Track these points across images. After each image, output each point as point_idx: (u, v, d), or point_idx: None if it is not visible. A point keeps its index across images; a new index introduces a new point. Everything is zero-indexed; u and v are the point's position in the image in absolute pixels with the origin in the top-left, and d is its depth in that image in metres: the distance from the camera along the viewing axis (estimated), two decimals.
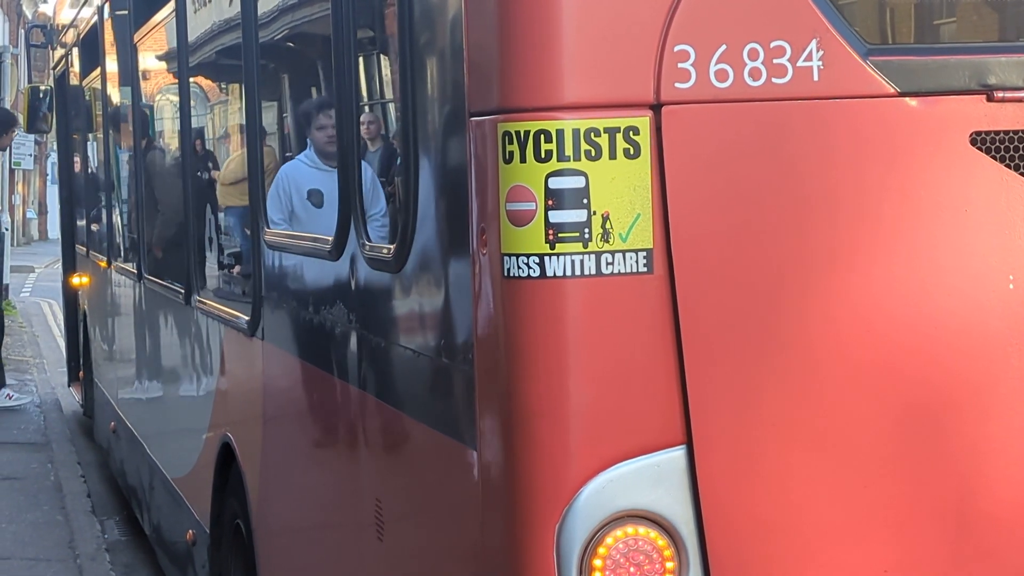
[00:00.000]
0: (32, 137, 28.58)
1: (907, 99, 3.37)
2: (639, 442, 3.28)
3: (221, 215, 6.80)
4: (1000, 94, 3.39)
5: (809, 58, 3.32)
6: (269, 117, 5.72)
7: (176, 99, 7.28)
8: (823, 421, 3.34)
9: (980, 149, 3.39)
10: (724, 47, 3.28)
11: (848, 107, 3.34)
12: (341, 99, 4.43)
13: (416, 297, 3.91)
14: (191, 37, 6.91)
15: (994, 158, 3.40)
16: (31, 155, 34.85)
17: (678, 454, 3.30)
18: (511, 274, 3.26)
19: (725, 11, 3.29)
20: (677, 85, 3.26)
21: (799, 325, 3.33)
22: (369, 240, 4.25)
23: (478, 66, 3.37)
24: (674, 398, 3.29)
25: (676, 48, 3.26)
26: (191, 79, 7.02)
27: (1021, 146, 3.41)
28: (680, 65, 3.26)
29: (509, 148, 3.23)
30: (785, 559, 3.33)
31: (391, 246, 4.01)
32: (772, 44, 3.30)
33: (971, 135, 3.39)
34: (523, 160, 3.22)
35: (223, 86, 6.72)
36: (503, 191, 3.25)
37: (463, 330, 3.51)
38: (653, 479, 3.28)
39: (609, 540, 3.26)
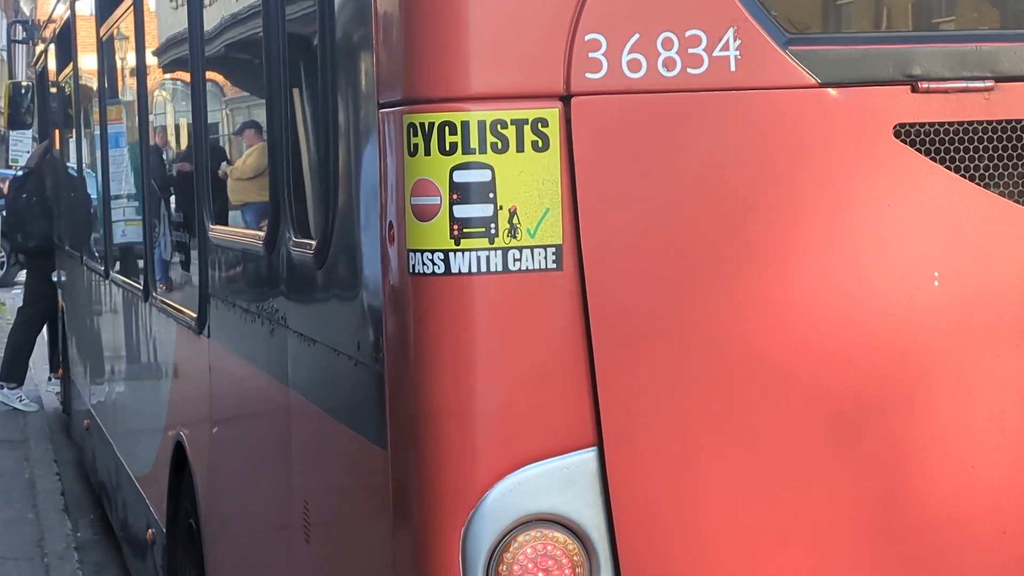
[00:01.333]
0: (30, 134, 28.59)
1: (828, 90, 3.27)
2: (548, 444, 3.18)
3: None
4: (925, 85, 3.29)
5: (726, 47, 3.21)
6: (213, 113, 5.63)
7: (136, 95, 7.20)
8: (740, 423, 3.24)
9: (904, 142, 3.29)
10: (637, 36, 3.18)
11: (767, 98, 3.24)
12: (270, 94, 4.34)
13: (336, 293, 3.82)
14: (147, 31, 6.84)
15: (919, 151, 3.30)
16: (28, 152, 34.81)
17: (589, 456, 3.20)
18: (416, 270, 3.16)
19: None
20: (588, 75, 3.16)
21: (714, 324, 3.23)
22: (295, 235, 4.16)
23: (386, 56, 3.27)
24: (584, 398, 3.19)
25: (587, 37, 3.16)
26: (147, 74, 6.94)
27: (947, 139, 3.31)
28: (591, 55, 3.16)
29: (414, 140, 3.13)
30: (699, 565, 3.23)
31: (314, 242, 3.91)
32: (687, 33, 3.20)
33: (895, 127, 3.29)
34: (427, 153, 3.12)
35: (175, 80, 6.63)
36: (408, 185, 3.15)
37: (376, 328, 3.42)
38: (563, 482, 3.18)
39: (517, 544, 3.16)
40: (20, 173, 14.11)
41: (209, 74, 5.53)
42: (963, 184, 3.31)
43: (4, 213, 14.92)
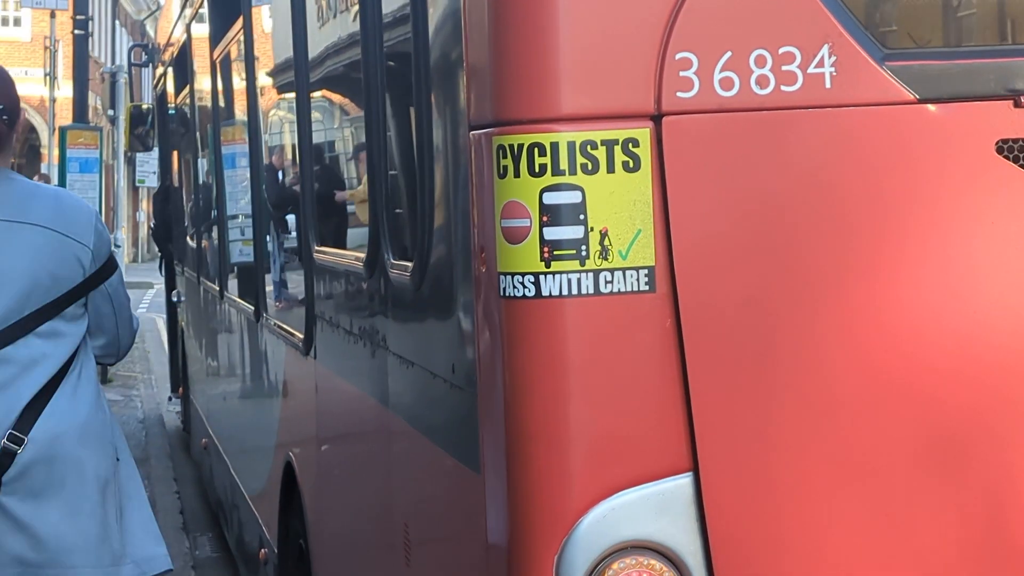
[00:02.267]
0: (156, 155, 29.07)
1: (927, 106, 3.19)
2: (643, 469, 3.13)
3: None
4: None
5: (821, 64, 3.15)
6: (317, 134, 5.66)
7: (247, 116, 7.27)
8: (841, 446, 3.17)
9: (1007, 157, 3.20)
10: (729, 54, 3.12)
11: (863, 115, 3.17)
12: (368, 117, 4.34)
13: (432, 316, 3.80)
14: (256, 55, 6.90)
15: (1022, 167, 3.21)
16: (155, 172, 35.43)
17: (684, 481, 3.14)
18: (507, 293, 3.13)
19: (730, 16, 3.13)
20: (679, 94, 3.11)
21: (813, 344, 3.16)
22: (393, 258, 4.15)
23: (476, 79, 3.25)
24: (679, 423, 3.13)
25: (678, 56, 3.11)
26: (256, 96, 7.01)
27: None
28: (682, 73, 3.11)
29: (503, 162, 3.11)
30: None
31: (410, 264, 3.90)
32: (781, 50, 3.14)
33: (997, 143, 3.20)
34: (517, 175, 3.09)
35: (281, 102, 6.68)
36: (498, 207, 3.13)
37: (469, 351, 3.39)
38: (658, 508, 3.13)
39: (612, 572, 3.11)
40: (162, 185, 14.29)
41: (313, 97, 5.56)
42: None
43: (153, 223, 15.13)
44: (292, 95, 5.78)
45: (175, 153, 12.87)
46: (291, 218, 6.29)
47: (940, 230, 3.20)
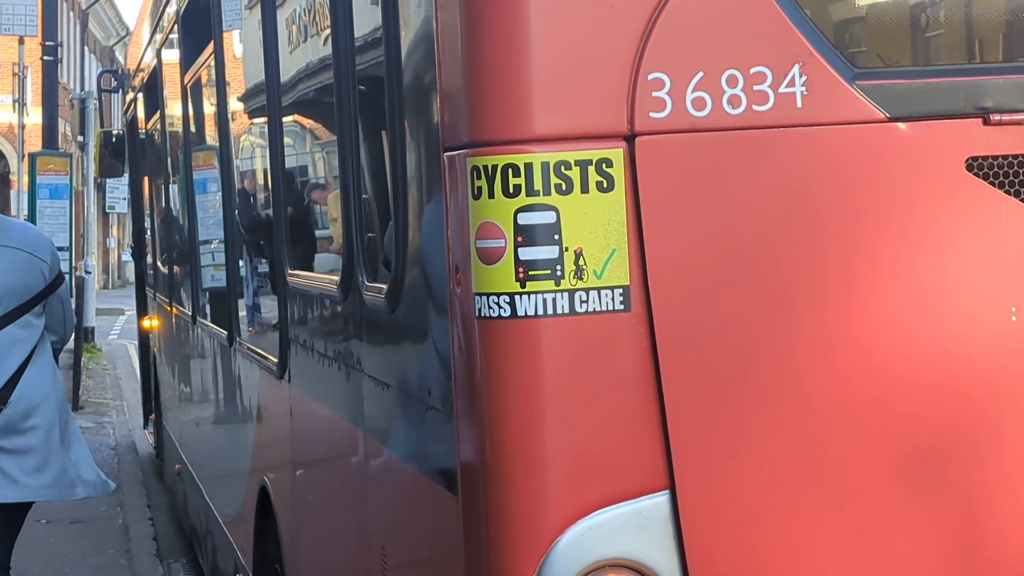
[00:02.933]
0: (125, 181, 28.99)
1: (898, 124, 3.21)
2: (620, 488, 3.14)
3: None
4: (997, 117, 3.23)
5: (792, 84, 3.17)
6: (290, 158, 5.66)
7: (218, 142, 7.27)
8: (816, 464, 3.19)
9: (977, 175, 3.23)
10: (701, 74, 3.15)
11: (835, 134, 3.19)
12: (342, 141, 4.35)
13: (407, 337, 3.80)
14: (227, 80, 6.90)
15: (992, 184, 3.24)
16: (125, 199, 35.36)
17: (661, 500, 3.15)
18: (483, 314, 3.14)
19: (701, 37, 3.16)
20: (652, 115, 3.13)
21: (788, 362, 3.18)
22: (368, 280, 4.16)
23: (450, 100, 3.26)
24: (656, 441, 3.15)
25: (650, 76, 3.13)
26: (228, 121, 7.00)
27: (1021, 171, 3.24)
28: (654, 94, 3.13)
29: (478, 183, 3.12)
30: None
31: (385, 286, 3.91)
32: (752, 70, 3.16)
33: (967, 160, 3.23)
34: (491, 195, 3.10)
35: (253, 127, 6.68)
36: (473, 228, 3.14)
37: (445, 372, 3.40)
38: (635, 526, 3.14)
39: None
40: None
41: (285, 121, 5.56)
42: None
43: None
44: (264, 119, 5.79)
45: (146, 179, 12.84)
46: (264, 242, 6.29)
47: (912, 247, 3.22)
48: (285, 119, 5.57)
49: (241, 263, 6.88)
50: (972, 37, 3.54)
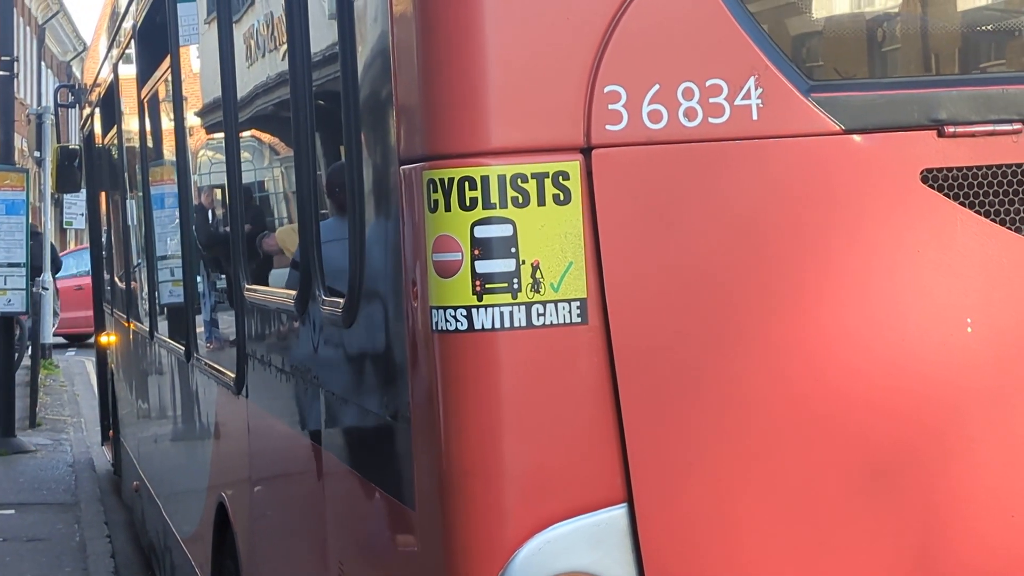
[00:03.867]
0: (83, 196, 28.82)
1: (853, 136, 3.23)
2: (577, 501, 3.14)
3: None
4: (951, 129, 3.24)
5: (747, 96, 3.18)
6: (247, 174, 5.64)
7: (175, 157, 7.23)
8: (773, 476, 3.19)
9: (932, 187, 3.25)
10: (657, 87, 3.15)
11: (790, 146, 3.20)
12: (298, 156, 4.34)
13: (364, 352, 3.79)
14: (187, 95, 6.87)
15: (947, 196, 3.25)
16: (83, 214, 35.15)
17: (619, 513, 3.15)
18: (440, 327, 3.13)
19: (657, 50, 3.16)
20: (608, 127, 3.13)
21: (745, 375, 3.18)
22: (325, 295, 4.14)
23: (406, 114, 3.26)
24: (613, 454, 3.14)
25: (606, 89, 3.13)
26: (185, 136, 6.97)
27: (975, 183, 3.26)
28: (611, 107, 3.13)
29: (434, 196, 3.11)
30: None
31: (342, 300, 3.89)
32: (708, 83, 3.17)
33: (922, 172, 3.24)
34: (448, 209, 3.10)
35: (210, 142, 6.66)
36: (429, 241, 3.13)
37: (402, 386, 3.39)
38: (593, 540, 3.14)
39: None
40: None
41: (242, 136, 5.54)
42: (993, 228, 3.26)
43: None
44: (221, 134, 5.76)
45: (103, 194, 12.78)
46: (221, 257, 6.26)
47: (867, 259, 3.23)
48: (242, 134, 5.55)
49: (198, 278, 6.85)
50: (927, 50, 3.56)
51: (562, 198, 3.11)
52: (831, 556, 3.20)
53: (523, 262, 3.09)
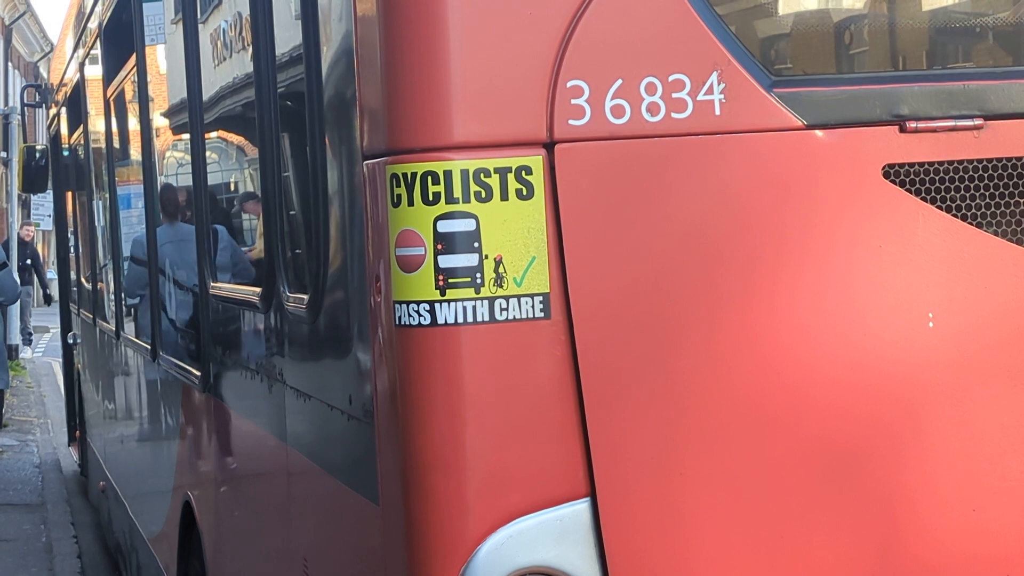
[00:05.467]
0: (51, 196, 28.70)
1: (815, 132, 3.23)
2: (540, 495, 3.14)
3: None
4: (913, 124, 3.26)
5: (710, 91, 3.19)
6: (212, 171, 5.62)
7: (141, 156, 7.21)
8: (733, 470, 3.20)
9: (894, 182, 3.26)
10: (620, 82, 3.15)
11: (753, 141, 3.21)
12: (263, 152, 4.33)
13: (328, 348, 3.79)
14: (152, 95, 6.86)
15: (909, 191, 3.26)
16: (50, 215, 34.97)
17: (582, 507, 3.15)
18: (402, 322, 3.13)
19: (620, 44, 3.16)
20: (571, 122, 3.13)
21: (706, 370, 3.19)
22: (289, 291, 4.13)
23: (369, 108, 3.25)
24: (576, 449, 3.15)
25: (569, 84, 3.13)
26: (151, 136, 6.95)
27: (937, 178, 3.27)
28: (573, 101, 3.13)
29: (397, 191, 3.11)
30: None
31: (306, 297, 3.89)
32: (671, 78, 3.17)
33: (884, 168, 3.25)
34: (411, 203, 3.10)
35: (176, 142, 6.64)
36: (392, 236, 3.13)
37: (366, 382, 3.38)
38: (556, 534, 3.14)
39: None
40: None
41: (208, 135, 5.53)
42: (955, 224, 3.27)
43: None
44: (186, 133, 5.75)
45: (69, 194, 12.73)
46: (185, 255, 6.25)
47: (829, 253, 3.24)
48: (208, 133, 5.54)
49: (164, 277, 6.83)
50: (889, 45, 3.58)
51: (525, 193, 3.11)
52: (792, 551, 3.21)
53: (486, 257, 3.09)
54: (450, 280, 3.08)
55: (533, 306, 3.12)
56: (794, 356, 3.21)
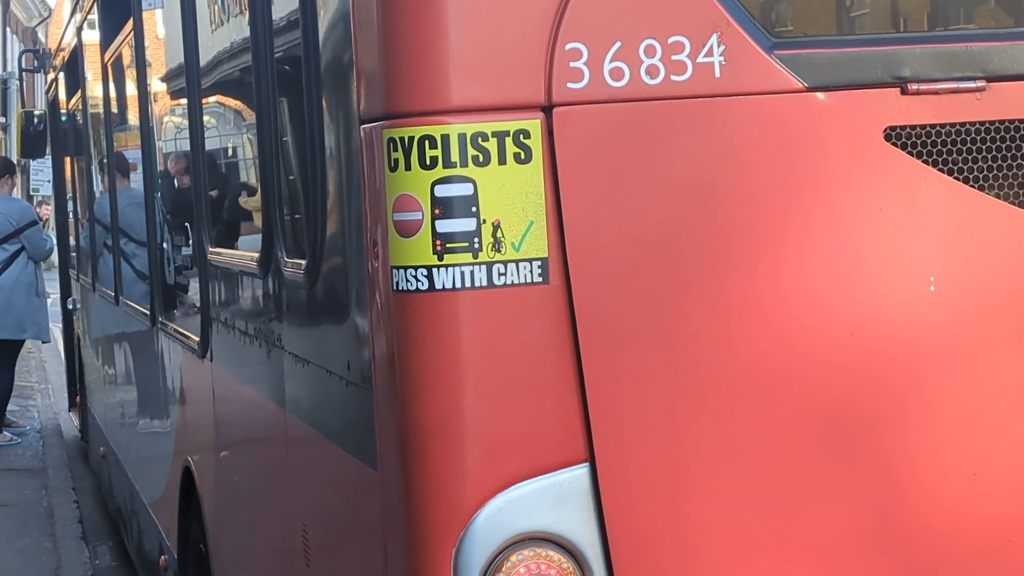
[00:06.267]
0: (49, 163, 28.62)
1: (816, 94, 3.21)
2: (539, 461, 3.12)
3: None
4: (915, 86, 3.23)
5: (710, 53, 3.16)
6: (212, 138, 5.60)
7: (139, 121, 7.18)
8: (734, 435, 3.18)
9: (895, 145, 3.23)
10: (619, 44, 3.12)
11: (753, 104, 3.18)
12: (260, 117, 4.31)
13: (326, 313, 3.77)
14: (150, 59, 6.82)
15: (910, 154, 3.24)
16: (48, 181, 34.91)
17: (581, 472, 3.14)
18: (400, 287, 3.11)
19: (619, 7, 3.13)
20: (569, 85, 3.10)
21: (706, 335, 3.17)
22: (287, 256, 4.11)
23: (366, 72, 3.23)
24: (575, 414, 3.13)
25: (567, 46, 3.10)
26: (148, 100, 6.92)
27: (939, 141, 3.25)
28: (572, 64, 3.10)
29: (394, 155, 3.09)
30: None
31: (304, 262, 3.87)
32: (670, 40, 3.14)
33: (885, 130, 3.23)
34: (408, 168, 3.07)
35: (173, 106, 6.61)
36: (390, 201, 3.11)
37: (364, 347, 3.37)
38: (555, 499, 3.13)
39: (510, 564, 3.10)
40: None
41: (205, 100, 5.50)
42: (957, 187, 3.25)
43: None
44: (184, 99, 5.72)
45: (68, 159, 12.70)
46: (185, 221, 6.23)
47: (830, 217, 3.22)
48: (205, 98, 5.50)
49: (163, 242, 6.81)
50: (890, 6, 3.54)
51: (523, 156, 3.09)
52: (792, 515, 3.20)
53: (484, 221, 3.07)
54: (448, 245, 3.06)
55: (531, 271, 3.10)
56: (795, 320, 3.20)
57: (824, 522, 3.21)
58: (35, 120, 13.69)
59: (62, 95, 12.13)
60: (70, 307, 13.03)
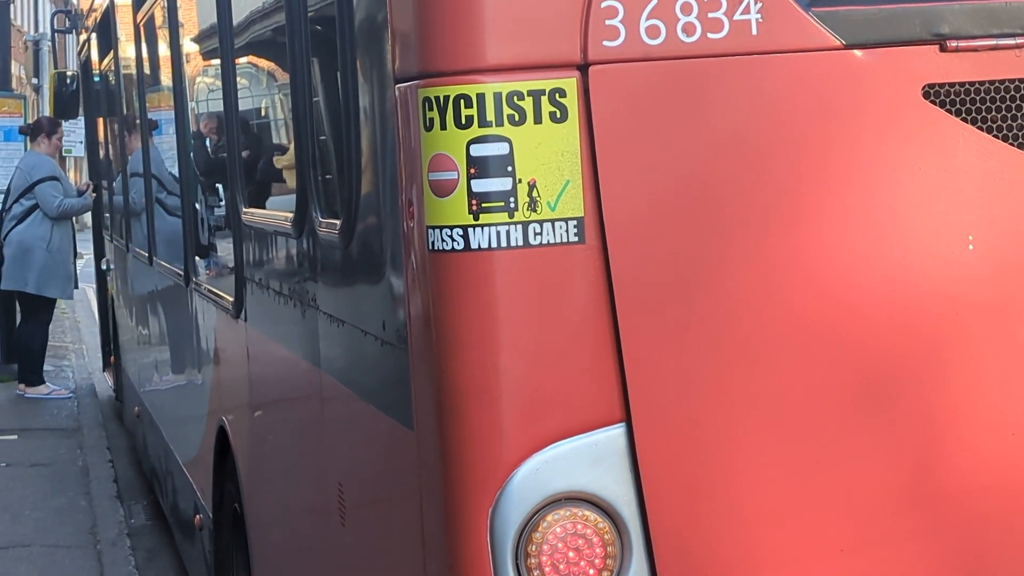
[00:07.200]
0: (81, 124, 28.67)
1: (854, 51, 3.18)
2: (575, 421, 3.12)
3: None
4: (954, 44, 3.20)
5: (747, 11, 3.14)
6: (243, 96, 5.59)
7: (172, 81, 7.18)
8: (771, 394, 3.17)
9: (934, 103, 3.21)
10: (655, 1, 3.10)
11: (790, 61, 3.16)
12: (294, 76, 4.30)
13: (361, 273, 3.77)
14: (180, 17, 6.81)
15: (949, 112, 3.21)
16: (81, 142, 34.97)
17: (617, 432, 3.14)
18: (436, 247, 3.10)
19: None
20: (605, 43, 3.09)
21: (742, 293, 3.16)
22: (322, 216, 4.11)
23: (401, 31, 3.21)
24: (611, 374, 3.12)
25: (604, 4, 3.09)
26: (182, 61, 6.92)
27: (977, 98, 3.22)
28: (608, 22, 3.09)
29: (429, 115, 3.08)
30: (732, 540, 3.17)
31: (338, 222, 3.86)
32: None
33: (924, 88, 3.20)
34: (443, 127, 3.06)
35: (207, 66, 6.60)
36: (425, 160, 3.10)
37: (399, 307, 3.37)
38: (591, 459, 3.12)
39: (546, 524, 3.10)
40: None
41: (238, 61, 5.49)
42: (995, 144, 3.23)
43: None
44: (217, 59, 5.71)
45: (101, 120, 12.73)
46: (218, 181, 6.23)
47: (868, 175, 3.20)
48: (238, 59, 5.50)
49: (196, 203, 6.82)
50: None
51: (559, 116, 3.07)
52: (830, 471, 3.19)
53: (519, 181, 3.06)
54: (483, 204, 3.05)
55: (567, 230, 3.09)
56: (833, 277, 3.18)
57: (863, 479, 3.20)
58: (68, 81, 13.72)
59: (95, 56, 12.15)
60: (104, 268, 13.07)
